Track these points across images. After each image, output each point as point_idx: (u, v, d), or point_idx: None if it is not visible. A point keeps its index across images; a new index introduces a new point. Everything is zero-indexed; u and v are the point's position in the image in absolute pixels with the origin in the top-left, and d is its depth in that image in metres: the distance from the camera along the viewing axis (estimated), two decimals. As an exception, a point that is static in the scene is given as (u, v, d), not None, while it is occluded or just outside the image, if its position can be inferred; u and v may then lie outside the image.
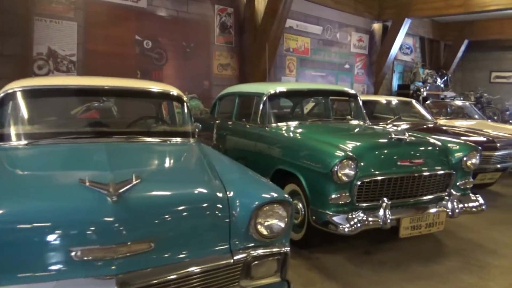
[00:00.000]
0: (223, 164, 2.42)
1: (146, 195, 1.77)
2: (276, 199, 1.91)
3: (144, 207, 1.71)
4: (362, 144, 3.30)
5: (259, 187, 2.08)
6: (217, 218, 1.83)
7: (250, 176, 2.27)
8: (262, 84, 4.66)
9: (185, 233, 1.74)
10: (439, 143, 3.64)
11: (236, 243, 1.84)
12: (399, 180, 3.25)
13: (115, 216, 1.59)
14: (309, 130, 3.93)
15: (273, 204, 1.90)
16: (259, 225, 1.86)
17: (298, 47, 10.29)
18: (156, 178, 2.03)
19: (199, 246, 1.77)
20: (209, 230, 1.81)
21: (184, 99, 3.25)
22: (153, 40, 7.50)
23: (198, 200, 1.84)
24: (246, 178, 2.22)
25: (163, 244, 1.68)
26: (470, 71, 17.73)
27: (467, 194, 3.68)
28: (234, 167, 2.45)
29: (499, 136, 5.54)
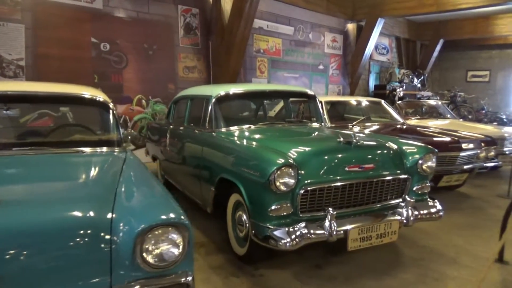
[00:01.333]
0: (133, 179, 2.12)
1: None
2: (167, 221, 1.61)
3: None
4: (305, 149, 3.02)
5: (153, 206, 1.76)
6: (93, 246, 1.52)
7: (153, 194, 1.96)
8: (213, 86, 4.38)
9: (47, 268, 1.44)
10: (393, 146, 3.39)
11: (120, 275, 1.54)
12: (348, 187, 2.98)
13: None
14: (256, 135, 3.64)
15: (167, 227, 1.61)
16: (145, 253, 1.56)
17: (269, 48, 10.04)
18: (24, 199, 1.70)
19: (70, 282, 1.46)
20: (82, 261, 1.50)
21: (110, 105, 2.93)
22: (111, 42, 7.15)
23: (65, 226, 1.52)
24: (146, 196, 1.91)
25: (16, 284, 1.36)
26: (446, 70, 17.80)
27: (424, 200, 3.44)
28: (144, 183, 2.13)
29: (466, 136, 5.36)
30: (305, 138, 3.55)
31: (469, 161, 5.15)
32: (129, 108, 7.57)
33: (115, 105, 7.35)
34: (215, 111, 3.99)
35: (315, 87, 11.55)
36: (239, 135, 3.66)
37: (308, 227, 2.78)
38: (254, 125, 3.95)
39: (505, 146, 6.63)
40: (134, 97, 7.61)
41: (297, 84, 10.96)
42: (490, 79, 16.40)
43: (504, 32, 13.23)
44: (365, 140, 3.39)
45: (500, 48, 15.76)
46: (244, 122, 4.02)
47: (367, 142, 3.35)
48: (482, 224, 4.40)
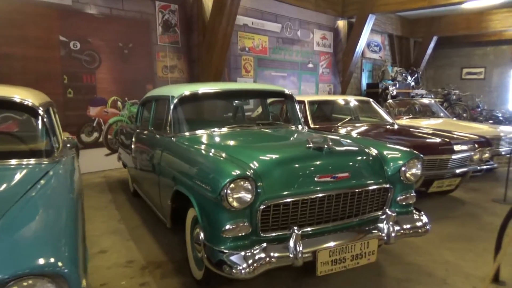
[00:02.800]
0: (31, 204, 1.69)
1: None
2: (37, 270, 1.18)
3: None
4: (268, 158, 2.60)
5: (29, 247, 1.30)
6: None
7: (44, 227, 1.51)
8: (177, 86, 3.96)
9: None
10: (372, 151, 2.98)
11: None
12: (318, 201, 2.57)
13: None
14: (218, 141, 3.23)
15: (38, 278, 1.18)
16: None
17: (254, 46, 9.63)
18: None
19: None
20: None
21: (38, 110, 2.51)
22: (81, 41, 6.71)
23: None
24: (32, 231, 1.47)
25: None
26: (441, 68, 17.43)
27: (409, 212, 3.02)
28: (44, 210, 1.69)
29: (458, 137, 4.95)
30: (271, 144, 3.13)
31: (462, 164, 4.74)
32: (103, 111, 7.14)
33: (87, 107, 6.98)
34: (177, 114, 3.58)
35: (304, 86, 11.16)
36: (199, 140, 3.24)
37: (268, 249, 2.36)
38: (221, 129, 3.53)
39: (501, 146, 6.24)
40: (109, 99, 7.18)
41: (285, 83, 10.55)
42: (486, 76, 16.05)
43: (499, 28, 12.87)
44: (339, 145, 2.97)
45: (495, 44, 15.41)
46: (210, 126, 3.60)
47: (341, 147, 2.93)
48: (475, 234, 3.99)
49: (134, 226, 4.14)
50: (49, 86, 6.39)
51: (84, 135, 6.91)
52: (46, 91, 6.38)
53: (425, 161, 4.42)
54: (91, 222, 4.29)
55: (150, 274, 3.08)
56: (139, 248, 3.57)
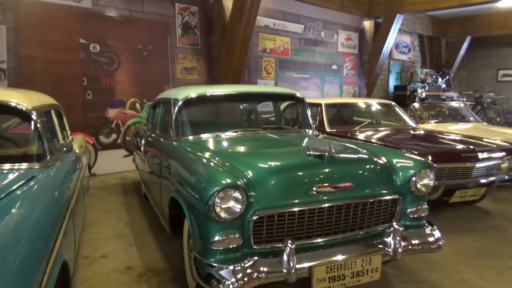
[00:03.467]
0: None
1: None
2: None
3: None
4: (264, 166, 2.45)
5: None
6: None
7: None
8: (184, 88, 3.87)
9: None
10: (380, 159, 2.77)
11: None
12: (317, 212, 2.39)
13: None
14: (218, 146, 3.11)
15: None
16: None
17: (276, 48, 9.48)
18: None
19: None
20: None
21: (30, 114, 2.46)
22: (101, 43, 6.78)
23: None
24: None
25: None
26: (475, 69, 16.67)
27: (420, 226, 2.79)
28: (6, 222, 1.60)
29: (485, 143, 4.62)
30: (271, 151, 2.96)
31: (488, 173, 4.42)
32: (122, 112, 7.19)
33: (106, 108, 7.04)
34: (180, 117, 3.50)
35: (327, 88, 10.91)
36: (200, 145, 3.13)
37: (260, 263, 2.21)
38: (224, 133, 3.41)
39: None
40: (127, 101, 7.23)
41: (307, 85, 10.35)
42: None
43: (538, 27, 12.15)
44: (343, 152, 2.78)
45: (534, 44, 14.59)
46: (215, 130, 3.49)
47: (345, 155, 2.74)
48: (500, 250, 3.68)
49: (140, 231, 4.09)
50: (69, 88, 6.50)
51: (102, 136, 6.98)
52: (66, 92, 6.54)
53: (446, 169, 4.14)
54: (100, 225, 4.28)
55: (146, 282, 2.99)
56: (141, 254, 3.50)
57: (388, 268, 3.17)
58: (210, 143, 3.19)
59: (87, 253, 3.54)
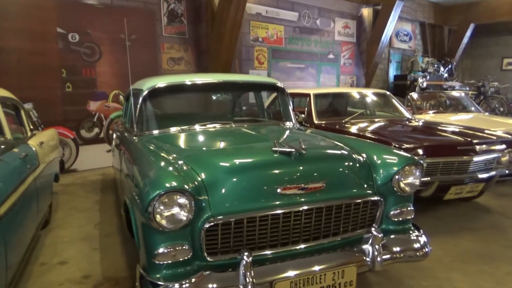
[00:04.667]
0: None
1: None
2: None
3: None
4: (219, 166, 2.12)
5: None
6: None
7: None
8: (152, 78, 3.54)
9: None
10: (360, 155, 2.43)
11: None
12: (282, 218, 2.07)
13: None
14: (179, 142, 2.77)
15: None
16: None
17: (269, 36, 9.10)
18: None
19: None
20: None
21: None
22: (80, 32, 6.45)
23: None
24: None
25: None
26: (479, 58, 16.17)
27: (405, 231, 2.46)
28: None
29: (484, 135, 4.26)
30: (234, 147, 2.61)
31: (487, 167, 4.07)
32: (104, 105, 6.87)
33: (87, 101, 6.72)
34: (144, 109, 3.19)
35: (324, 78, 10.53)
36: (161, 141, 2.80)
37: (212, 279, 1.90)
38: (191, 127, 3.07)
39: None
40: (110, 93, 6.91)
41: (303, 75, 9.97)
42: (529, 66, 14.72)
43: (544, 13, 11.66)
44: (316, 148, 2.46)
45: (540, 31, 14.08)
46: (183, 123, 3.15)
47: (317, 151, 2.40)
48: (498, 253, 3.35)
49: (108, 233, 3.79)
50: (47, 80, 6.19)
51: (84, 130, 6.68)
52: (43, 85, 6.22)
53: (441, 163, 3.80)
54: (67, 227, 3.99)
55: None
56: (103, 260, 3.20)
57: (371, 274, 2.86)
58: (172, 139, 2.86)
59: (45, 259, 3.24)
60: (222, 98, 3.91)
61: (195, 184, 1.96)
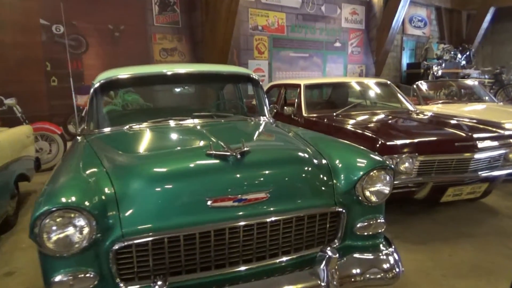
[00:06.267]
0: None
1: None
2: None
3: None
4: (135, 174, 1.77)
5: None
6: None
7: None
8: (112, 70, 3.22)
9: None
10: (319, 158, 2.05)
11: None
12: (214, 236, 1.73)
13: None
14: (116, 143, 2.42)
15: None
16: None
17: (269, 25, 8.67)
18: None
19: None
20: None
21: None
22: (66, 24, 6.17)
23: None
24: None
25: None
26: (500, 44, 15.25)
27: (375, 247, 2.08)
28: None
29: (492, 128, 3.77)
30: (166, 151, 2.20)
31: (491, 165, 3.60)
32: (93, 99, 6.61)
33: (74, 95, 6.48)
34: (94, 105, 2.86)
35: (330, 68, 10.04)
36: (101, 141, 2.48)
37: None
38: (141, 125, 2.73)
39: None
40: (99, 86, 6.64)
41: (307, 65, 9.51)
42: (554, 52, 13.80)
43: None
44: (265, 149, 2.08)
45: None
46: (135, 119, 2.82)
47: (263, 153, 2.02)
48: (498, 265, 2.91)
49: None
50: (30, 74, 5.99)
51: (71, 126, 6.45)
52: (27, 79, 5.99)
53: (436, 162, 3.37)
54: (30, 230, 3.73)
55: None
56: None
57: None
58: (116, 139, 2.52)
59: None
60: (188, 91, 3.56)
61: (102, 198, 1.63)
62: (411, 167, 3.28)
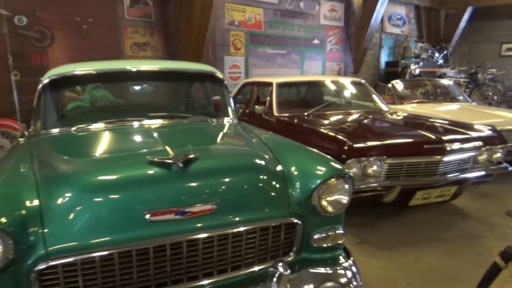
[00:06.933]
0: None
1: None
2: None
3: None
4: (62, 185, 1.59)
5: None
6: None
7: None
8: (61, 67, 3.02)
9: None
10: (274, 165, 1.91)
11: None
12: (153, 253, 1.57)
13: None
14: (59, 147, 2.22)
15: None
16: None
17: (246, 20, 8.48)
18: None
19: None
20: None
21: None
22: (29, 15, 5.89)
23: None
24: None
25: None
26: (477, 43, 15.44)
27: (334, 259, 1.96)
28: None
29: (458, 130, 3.72)
30: (107, 156, 2.04)
31: (461, 167, 3.54)
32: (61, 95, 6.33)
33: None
34: (41, 104, 2.66)
35: (308, 65, 9.93)
36: (47, 144, 2.29)
37: None
38: (90, 126, 2.53)
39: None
40: (66, 81, 6.35)
41: (285, 62, 9.38)
42: (529, 52, 14.04)
43: (545, -5, 10.96)
44: (213, 155, 1.93)
45: (541, 15, 13.36)
46: (86, 120, 2.63)
47: (211, 160, 1.87)
48: (464, 271, 2.84)
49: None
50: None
51: (35, 122, 6.16)
52: (-13, 73, 5.72)
53: (405, 165, 3.28)
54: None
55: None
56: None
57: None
58: (59, 143, 2.32)
59: None
60: (151, 89, 3.37)
61: (22, 213, 1.45)
62: (379, 170, 3.19)
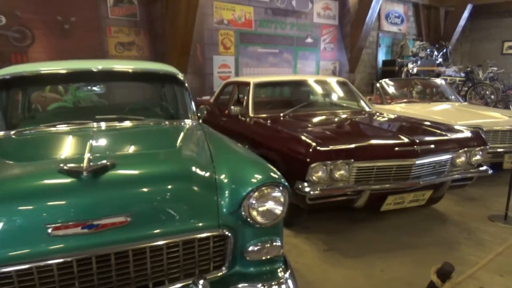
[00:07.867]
0: None
1: None
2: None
3: None
4: None
5: None
6: None
7: None
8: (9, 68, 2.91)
9: None
10: (205, 171, 1.78)
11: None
12: (57, 270, 1.44)
13: None
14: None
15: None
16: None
17: (235, 19, 8.35)
18: None
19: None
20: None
21: None
22: (8, 14, 5.81)
23: None
24: None
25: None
26: (478, 42, 15.18)
27: (271, 274, 1.82)
28: None
29: (440, 131, 3.55)
30: (15, 165, 1.89)
31: (437, 170, 3.38)
32: (41, 96, 6.24)
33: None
34: None
35: (301, 64, 9.78)
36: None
37: None
38: (33, 129, 2.42)
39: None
40: (47, 82, 6.27)
41: (276, 61, 9.23)
42: (531, 50, 13.76)
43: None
44: (138, 161, 1.80)
45: (543, 12, 13.06)
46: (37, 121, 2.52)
47: (133, 167, 1.73)
48: (434, 281, 2.69)
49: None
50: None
51: (16, 123, 6.08)
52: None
53: (375, 168, 3.13)
54: None
55: None
56: None
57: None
58: None
59: None
60: (105, 90, 3.25)
61: None
62: (347, 175, 3.04)
